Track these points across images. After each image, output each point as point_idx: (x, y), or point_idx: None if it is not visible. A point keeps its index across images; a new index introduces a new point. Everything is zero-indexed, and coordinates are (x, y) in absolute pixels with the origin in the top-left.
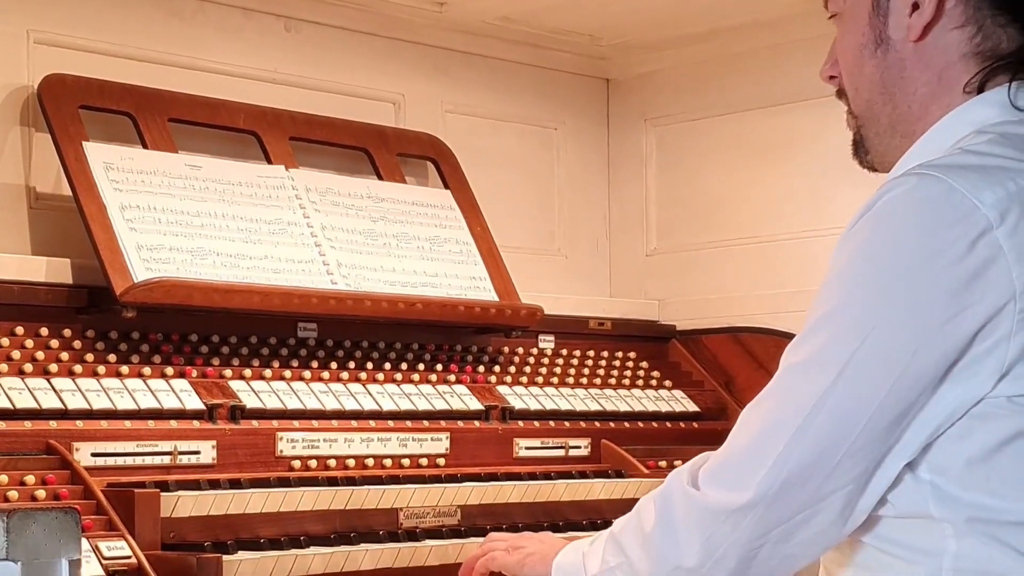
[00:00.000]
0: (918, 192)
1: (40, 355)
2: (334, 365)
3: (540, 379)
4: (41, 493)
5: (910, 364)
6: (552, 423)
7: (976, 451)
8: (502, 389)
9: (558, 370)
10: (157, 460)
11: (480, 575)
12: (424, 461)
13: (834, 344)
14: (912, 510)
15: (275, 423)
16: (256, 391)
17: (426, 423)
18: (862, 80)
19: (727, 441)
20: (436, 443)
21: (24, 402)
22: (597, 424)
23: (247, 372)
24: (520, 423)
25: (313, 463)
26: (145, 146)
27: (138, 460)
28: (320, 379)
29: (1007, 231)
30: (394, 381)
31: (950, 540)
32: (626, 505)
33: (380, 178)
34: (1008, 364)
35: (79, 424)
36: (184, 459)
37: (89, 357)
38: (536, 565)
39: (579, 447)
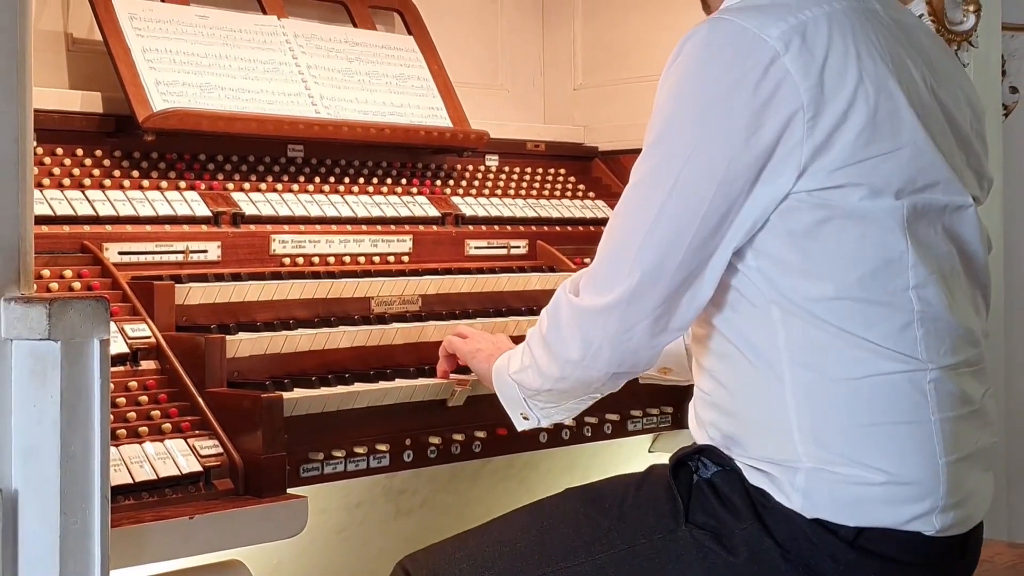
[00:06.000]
0: (714, 34)
1: (76, 171)
2: (317, 180)
3: (487, 191)
4: (77, 285)
5: (727, 172)
6: (496, 227)
7: (788, 239)
8: (455, 199)
9: (501, 184)
10: (172, 258)
11: (442, 356)
12: (391, 258)
13: (664, 163)
14: (748, 296)
15: (269, 227)
16: (253, 201)
17: (393, 227)
18: None
19: (596, 252)
20: (401, 243)
21: (63, 210)
22: (533, 228)
23: (246, 185)
24: (470, 227)
25: (300, 260)
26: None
27: (156, 258)
28: (306, 191)
29: (792, 56)
30: (367, 193)
31: (778, 326)
32: None
33: (355, 26)
34: (803, 165)
35: (108, 228)
36: (194, 257)
37: (116, 173)
38: (482, 361)
39: (519, 247)
